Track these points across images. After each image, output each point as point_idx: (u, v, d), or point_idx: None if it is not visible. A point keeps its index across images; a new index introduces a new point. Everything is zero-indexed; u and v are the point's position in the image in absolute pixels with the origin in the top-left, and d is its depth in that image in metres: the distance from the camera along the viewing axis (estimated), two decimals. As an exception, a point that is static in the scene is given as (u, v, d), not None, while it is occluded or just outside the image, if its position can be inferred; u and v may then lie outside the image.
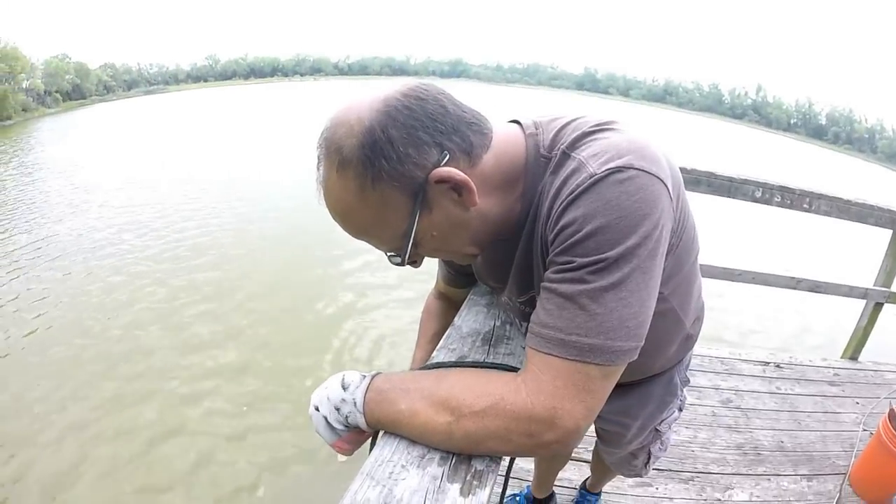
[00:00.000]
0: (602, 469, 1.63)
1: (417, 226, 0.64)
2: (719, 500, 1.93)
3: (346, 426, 0.67)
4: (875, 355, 3.16)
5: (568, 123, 0.69)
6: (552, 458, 1.65)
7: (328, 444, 0.68)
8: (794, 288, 2.87)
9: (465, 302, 1.03)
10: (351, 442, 0.68)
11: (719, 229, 9.51)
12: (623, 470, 1.43)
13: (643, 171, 0.58)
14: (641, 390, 1.08)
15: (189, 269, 6.94)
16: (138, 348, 5.07)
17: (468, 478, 0.57)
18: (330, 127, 0.62)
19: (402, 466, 0.57)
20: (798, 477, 2.08)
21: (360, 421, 0.64)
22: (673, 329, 0.91)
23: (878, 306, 2.94)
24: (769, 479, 2.05)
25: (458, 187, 0.62)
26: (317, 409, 0.68)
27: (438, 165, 0.61)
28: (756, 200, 2.58)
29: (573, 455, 2.02)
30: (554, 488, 1.87)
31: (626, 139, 0.62)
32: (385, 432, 0.64)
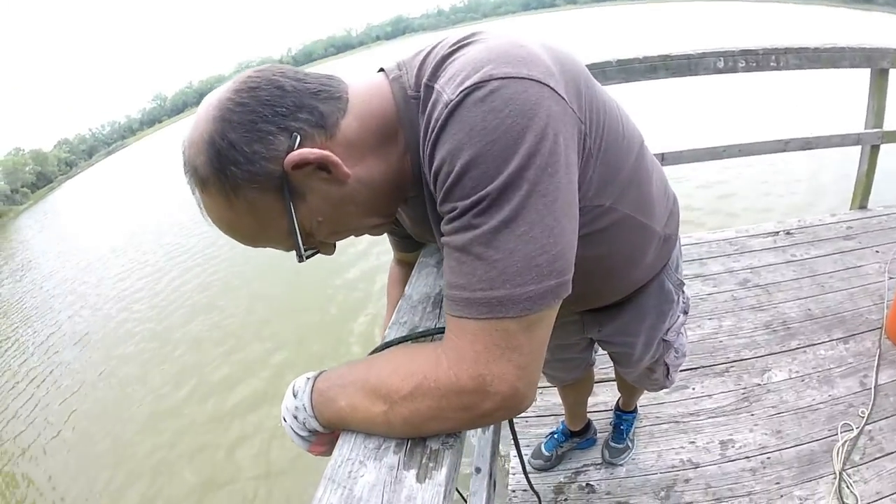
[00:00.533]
0: (628, 387, 1.60)
1: (297, 217, 0.59)
2: (759, 384, 1.88)
3: (309, 433, 0.63)
4: (885, 200, 3.05)
5: (429, 52, 0.61)
6: (574, 387, 1.60)
7: (305, 451, 0.66)
8: (784, 150, 2.76)
9: (416, 265, 0.96)
10: (324, 444, 0.65)
11: (695, 112, 9.30)
12: (646, 385, 1.39)
13: (509, 77, 0.50)
14: (633, 306, 1.02)
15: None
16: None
17: (424, 461, 0.54)
18: (184, 150, 0.58)
19: (361, 462, 0.54)
20: (834, 342, 2.02)
21: (315, 425, 0.61)
22: (639, 236, 0.83)
23: (875, 149, 2.81)
24: (805, 352, 1.99)
25: (322, 164, 0.56)
26: (284, 419, 0.64)
27: (291, 150, 0.55)
28: (720, 71, 2.48)
29: (600, 377, 1.98)
30: (589, 415, 1.85)
31: (485, 48, 0.54)
32: (343, 430, 0.61)
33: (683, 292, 1.13)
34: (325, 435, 0.64)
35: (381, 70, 0.66)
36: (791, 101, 8.96)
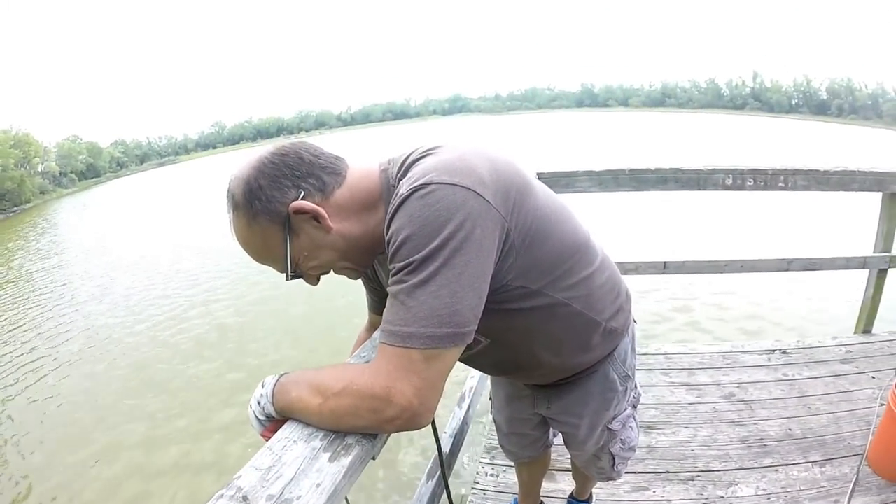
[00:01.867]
0: (581, 475, 1.62)
1: (290, 248, 0.80)
2: (722, 497, 1.82)
3: (266, 416, 0.80)
4: (893, 325, 3.01)
5: (409, 156, 0.83)
6: (528, 466, 1.65)
7: (258, 434, 0.82)
8: (787, 269, 2.76)
9: None
10: (273, 430, 0.79)
11: (703, 224, 9.39)
12: (593, 472, 1.40)
13: (444, 183, 0.70)
14: (578, 388, 1.13)
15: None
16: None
17: (338, 448, 0.71)
18: (230, 181, 0.81)
19: (294, 441, 0.72)
20: (809, 464, 1.95)
21: (272, 410, 0.79)
22: (575, 322, 0.95)
23: (883, 273, 2.79)
24: (777, 471, 1.93)
25: (314, 216, 0.79)
26: (250, 406, 0.81)
27: (295, 200, 0.78)
28: (728, 188, 2.53)
29: (561, 465, 1.96)
30: (543, 499, 1.83)
31: (437, 160, 0.75)
32: (290, 419, 0.77)
33: (636, 387, 1.21)
34: (276, 423, 0.79)
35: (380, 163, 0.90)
36: (799, 217, 9.03)
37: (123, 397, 5.56)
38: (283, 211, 0.78)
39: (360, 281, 1.05)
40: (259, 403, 0.80)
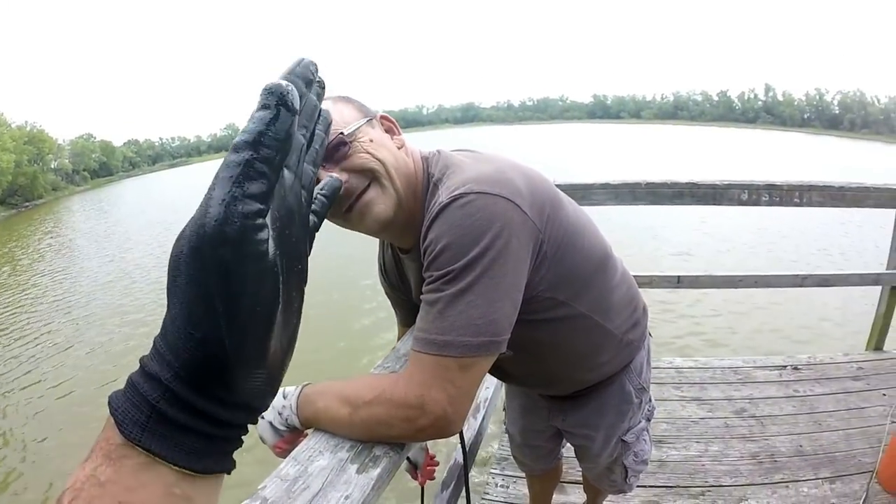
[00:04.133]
0: (592, 488, 1.62)
1: (361, 126, 0.79)
2: (732, 512, 1.83)
3: (287, 427, 0.80)
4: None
5: (449, 157, 0.85)
6: (540, 478, 1.65)
7: (270, 446, 0.82)
8: (801, 285, 2.76)
9: (409, 330, 1.06)
10: (289, 442, 0.81)
11: (718, 239, 9.32)
12: (605, 485, 1.41)
13: (482, 193, 0.71)
14: (594, 400, 1.13)
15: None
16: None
17: (366, 460, 0.69)
18: None
19: (319, 452, 0.70)
20: (820, 481, 1.94)
21: (296, 420, 0.78)
22: (595, 335, 0.97)
23: (895, 290, 2.77)
24: (787, 487, 1.92)
25: (393, 126, 0.86)
26: (262, 417, 0.78)
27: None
28: (743, 203, 2.53)
29: (573, 478, 1.96)
30: None
31: (477, 171, 0.77)
32: (314, 429, 0.77)
33: (650, 400, 1.22)
34: (293, 435, 0.80)
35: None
36: (816, 229, 8.99)
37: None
38: (371, 112, 0.84)
39: (379, 299, 1.07)
40: (280, 414, 0.79)
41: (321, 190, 0.37)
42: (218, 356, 0.24)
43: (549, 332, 0.91)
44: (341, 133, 0.76)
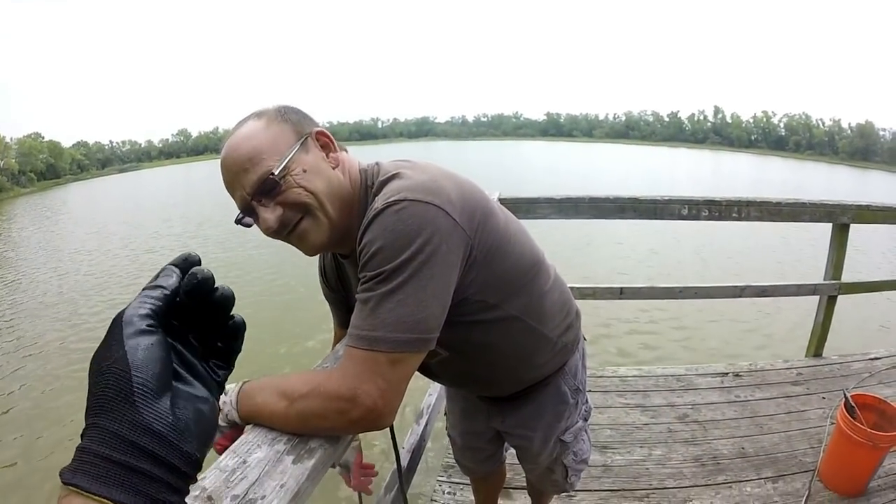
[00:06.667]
0: (536, 490, 1.62)
1: (294, 155, 0.81)
2: (676, 514, 1.84)
3: (227, 423, 0.80)
4: (843, 348, 3.12)
5: (386, 168, 0.88)
6: (484, 481, 1.65)
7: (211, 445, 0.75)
8: (740, 296, 2.83)
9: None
10: (229, 439, 0.79)
11: (660, 252, 9.69)
12: (547, 486, 1.41)
13: (415, 200, 0.75)
14: (532, 401, 1.16)
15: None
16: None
17: (301, 452, 0.72)
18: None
19: (258, 445, 0.72)
20: (762, 480, 1.98)
21: (235, 416, 0.78)
22: (529, 337, 1.01)
23: (832, 300, 2.89)
24: (730, 487, 1.95)
25: (328, 144, 0.87)
26: None
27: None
28: (684, 218, 2.62)
29: (514, 483, 1.95)
30: None
31: (412, 181, 0.80)
32: (253, 425, 0.78)
33: (586, 401, 1.25)
34: (233, 431, 0.80)
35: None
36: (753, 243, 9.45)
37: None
38: (306, 130, 0.84)
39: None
40: (220, 410, 0.79)
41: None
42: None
43: (482, 333, 0.95)
44: (272, 174, 0.78)
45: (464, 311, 0.87)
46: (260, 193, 0.79)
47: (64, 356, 6.45)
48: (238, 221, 0.84)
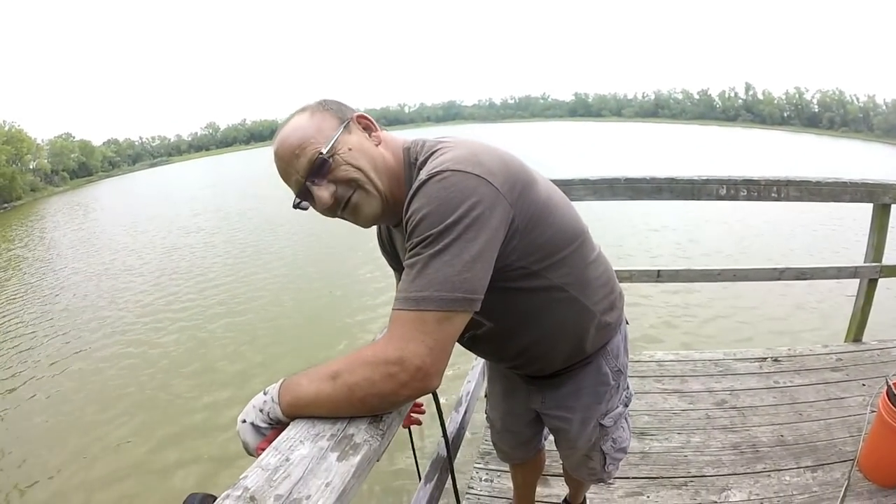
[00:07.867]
0: (573, 479, 1.63)
1: (339, 136, 0.88)
2: (715, 501, 1.83)
3: (270, 422, 0.79)
4: (884, 333, 3.04)
5: (429, 144, 0.92)
6: (522, 468, 1.67)
7: (252, 451, 0.80)
8: (779, 279, 2.79)
9: None
10: (271, 441, 0.76)
11: (699, 233, 9.49)
12: (584, 474, 1.41)
13: (457, 171, 0.78)
14: (571, 381, 1.17)
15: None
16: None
17: (346, 448, 0.70)
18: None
19: (301, 441, 0.71)
20: (801, 469, 1.97)
21: (278, 411, 0.78)
22: (571, 310, 1.02)
23: (873, 283, 2.81)
24: (769, 476, 1.94)
25: (369, 125, 0.94)
26: (243, 421, 0.80)
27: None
28: (722, 198, 2.57)
29: (552, 470, 1.96)
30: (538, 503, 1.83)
31: (453, 154, 0.83)
32: (295, 420, 0.77)
33: (628, 387, 1.25)
34: (275, 432, 0.78)
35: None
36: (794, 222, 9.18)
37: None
38: (347, 115, 0.91)
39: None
40: (262, 411, 0.79)
41: None
42: None
43: (525, 302, 0.97)
44: (321, 153, 0.85)
45: (506, 278, 0.89)
46: (312, 174, 0.86)
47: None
48: (296, 206, 0.91)
